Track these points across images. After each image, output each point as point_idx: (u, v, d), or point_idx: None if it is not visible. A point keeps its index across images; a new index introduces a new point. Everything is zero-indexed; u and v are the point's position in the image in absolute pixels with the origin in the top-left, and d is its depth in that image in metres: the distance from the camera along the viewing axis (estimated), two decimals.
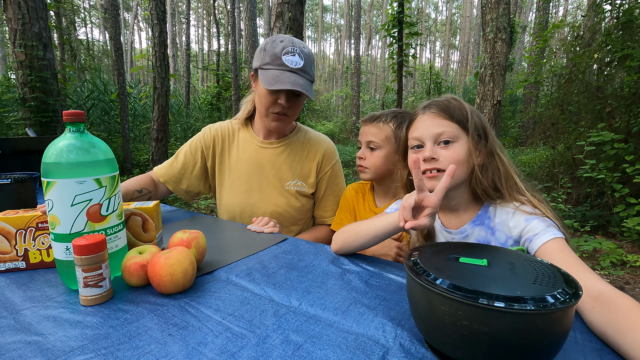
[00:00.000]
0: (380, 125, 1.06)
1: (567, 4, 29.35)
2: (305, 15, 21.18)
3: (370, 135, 1.07)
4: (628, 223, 2.99)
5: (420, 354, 0.47)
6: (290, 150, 1.22)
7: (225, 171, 1.23)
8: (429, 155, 0.74)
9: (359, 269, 0.74)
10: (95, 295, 0.57)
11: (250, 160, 1.20)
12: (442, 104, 0.77)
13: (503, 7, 3.63)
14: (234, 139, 1.24)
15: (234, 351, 0.47)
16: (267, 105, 1.09)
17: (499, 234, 0.75)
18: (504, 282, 0.43)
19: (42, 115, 3.88)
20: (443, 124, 0.75)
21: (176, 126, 9.07)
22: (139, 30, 39.19)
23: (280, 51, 1.05)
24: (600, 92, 3.94)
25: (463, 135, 0.75)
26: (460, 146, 0.75)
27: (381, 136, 1.06)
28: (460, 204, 0.80)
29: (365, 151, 1.09)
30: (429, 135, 0.76)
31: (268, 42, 1.09)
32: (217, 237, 0.92)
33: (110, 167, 0.63)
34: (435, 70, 9.57)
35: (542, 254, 0.65)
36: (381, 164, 1.06)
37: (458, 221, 0.80)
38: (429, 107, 0.79)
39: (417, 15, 38.35)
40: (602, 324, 0.50)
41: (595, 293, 0.53)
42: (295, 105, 1.12)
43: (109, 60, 17.11)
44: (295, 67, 1.05)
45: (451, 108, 0.76)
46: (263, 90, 1.08)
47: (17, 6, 3.61)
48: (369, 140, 1.07)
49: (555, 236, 0.65)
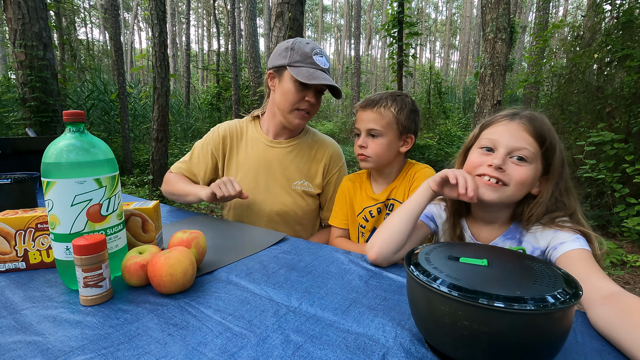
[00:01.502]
0: (381, 110, 1.01)
1: (567, 4, 29.35)
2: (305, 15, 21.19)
3: (370, 122, 1.02)
4: (628, 223, 2.99)
5: (420, 354, 0.47)
6: (298, 151, 1.23)
7: (233, 169, 1.24)
8: (498, 163, 0.70)
9: (359, 269, 0.74)
10: (95, 295, 0.57)
11: (259, 158, 1.22)
12: (536, 122, 0.72)
13: (503, 7, 3.63)
14: (242, 137, 1.26)
15: (234, 351, 0.47)
16: (294, 101, 1.12)
17: (525, 245, 0.74)
18: (504, 282, 0.43)
19: (42, 115, 3.88)
20: (527, 141, 0.71)
21: (176, 126, 9.07)
22: (139, 30, 39.19)
23: (310, 51, 1.10)
24: (600, 92, 3.94)
25: (538, 161, 0.72)
26: (531, 169, 0.71)
27: (383, 122, 1.01)
28: (498, 219, 0.78)
29: (367, 139, 1.03)
30: (507, 145, 0.72)
31: (294, 42, 1.13)
32: (217, 237, 0.92)
33: (110, 167, 0.63)
34: (435, 70, 9.56)
35: (563, 261, 0.64)
36: (384, 152, 1.02)
37: (489, 234, 0.79)
38: (520, 117, 0.74)
39: (417, 15, 38.35)
40: (610, 320, 0.50)
41: (607, 293, 0.54)
42: (318, 104, 1.16)
43: (109, 60, 17.11)
44: (325, 67, 1.12)
45: (544, 131, 0.71)
46: (290, 87, 1.11)
47: (17, 6, 3.60)
48: (370, 128, 1.02)
49: (580, 247, 0.64)
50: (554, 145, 0.72)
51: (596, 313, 0.53)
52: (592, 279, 0.57)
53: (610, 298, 0.53)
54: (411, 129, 1.04)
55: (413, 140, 1.06)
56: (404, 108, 1.02)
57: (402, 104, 1.02)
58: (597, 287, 0.55)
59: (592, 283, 0.56)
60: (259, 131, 1.25)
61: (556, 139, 0.72)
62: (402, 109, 1.01)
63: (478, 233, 0.80)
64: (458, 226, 0.83)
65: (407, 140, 1.05)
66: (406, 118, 1.02)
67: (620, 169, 3.35)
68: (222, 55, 12.52)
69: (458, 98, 13.17)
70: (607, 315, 0.51)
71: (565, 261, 0.64)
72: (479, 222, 0.81)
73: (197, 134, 9.19)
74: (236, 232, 0.98)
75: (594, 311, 0.53)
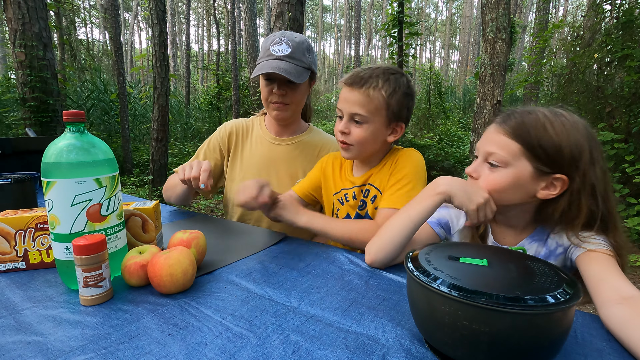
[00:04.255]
0: (369, 92, 0.85)
1: (567, 4, 29.34)
2: (305, 15, 21.18)
3: (355, 106, 0.86)
4: (628, 223, 2.99)
5: (420, 354, 0.47)
6: (302, 149, 1.23)
7: (237, 166, 1.24)
8: (470, 171, 0.72)
9: (359, 269, 0.74)
10: (95, 295, 0.57)
11: (262, 155, 1.22)
12: (514, 118, 0.68)
13: (503, 7, 3.63)
14: (248, 135, 1.26)
15: (234, 351, 0.47)
16: (265, 96, 1.15)
17: (550, 242, 0.71)
18: (504, 282, 0.43)
19: (42, 115, 3.88)
20: (499, 143, 0.67)
21: (176, 126, 9.07)
22: (139, 30, 39.18)
23: (269, 44, 1.10)
24: (600, 92, 3.94)
25: (521, 161, 0.66)
26: (507, 172, 0.67)
27: (370, 107, 0.85)
28: (519, 222, 0.75)
29: (349, 124, 0.89)
30: (483, 151, 0.70)
31: (264, 40, 1.13)
32: (217, 237, 0.92)
33: (110, 167, 0.63)
34: (435, 70, 9.55)
35: (585, 258, 0.62)
36: (368, 141, 0.88)
37: (514, 238, 0.76)
38: (500, 117, 0.71)
39: (417, 15, 38.34)
40: (624, 319, 0.49)
41: (627, 295, 0.52)
42: (291, 93, 1.13)
43: (109, 60, 17.09)
44: (282, 55, 1.07)
45: (524, 127, 0.66)
46: (261, 83, 1.13)
47: (17, 6, 3.61)
48: (354, 112, 0.87)
49: (604, 247, 0.62)
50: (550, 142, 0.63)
51: (610, 310, 0.52)
52: (613, 279, 0.56)
53: (630, 300, 0.51)
54: (402, 116, 0.90)
55: (403, 129, 0.92)
56: (397, 90, 0.86)
57: (396, 85, 0.86)
58: (618, 288, 0.54)
59: (613, 283, 0.55)
60: (263, 129, 1.26)
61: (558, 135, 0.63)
62: (394, 92, 0.86)
63: (503, 238, 0.77)
64: (483, 225, 0.79)
65: (397, 129, 0.91)
66: (398, 103, 0.87)
67: (620, 169, 3.35)
68: (222, 55, 12.51)
69: (458, 98, 13.17)
70: (622, 315, 0.50)
71: (587, 259, 0.62)
72: (502, 226, 0.78)
73: (197, 134, 9.18)
74: (236, 232, 0.98)
75: (609, 309, 0.52)
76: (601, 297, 0.55)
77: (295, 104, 1.17)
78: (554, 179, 0.65)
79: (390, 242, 0.72)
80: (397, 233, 0.72)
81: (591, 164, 0.64)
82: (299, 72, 1.08)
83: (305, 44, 1.12)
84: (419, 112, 9.13)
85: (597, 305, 0.55)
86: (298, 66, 1.08)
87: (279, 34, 1.11)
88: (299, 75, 1.08)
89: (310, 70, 1.13)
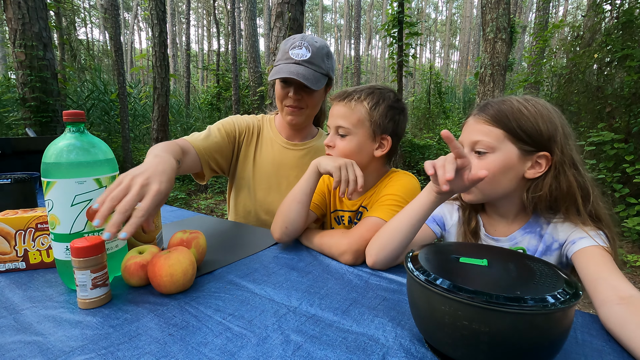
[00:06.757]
0: (352, 104, 0.87)
1: (567, 4, 29.34)
2: (305, 15, 21.18)
3: (339, 118, 0.88)
4: (628, 223, 2.99)
5: (420, 354, 0.47)
6: (313, 154, 1.21)
7: (250, 165, 1.21)
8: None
9: (359, 269, 0.74)
10: (95, 298, 0.57)
11: (273, 158, 1.20)
12: (491, 108, 0.72)
13: (503, 7, 3.63)
14: (259, 134, 1.25)
15: (234, 351, 0.47)
16: (280, 99, 1.13)
17: (547, 237, 0.72)
18: (504, 282, 0.43)
19: (42, 115, 3.89)
20: (483, 131, 0.71)
21: (176, 126, 9.07)
22: (139, 30, 39.19)
23: (289, 47, 1.08)
24: (600, 92, 3.94)
25: (506, 144, 0.69)
26: (496, 157, 0.70)
27: (352, 119, 0.87)
28: (509, 211, 0.76)
29: (334, 137, 0.89)
30: (468, 142, 0.73)
31: (283, 41, 1.12)
32: (217, 237, 0.92)
33: (110, 167, 0.63)
34: (435, 70, 9.56)
35: (581, 256, 0.63)
36: (353, 153, 0.87)
37: (506, 228, 0.77)
38: (476, 109, 0.74)
39: (417, 15, 38.34)
40: (624, 318, 0.49)
41: (626, 294, 0.53)
42: (307, 98, 1.11)
43: (109, 60, 17.10)
44: (300, 59, 1.05)
45: (502, 112, 0.70)
46: (277, 86, 1.11)
47: (17, 6, 3.61)
48: (338, 125, 0.88)
49: (600, 244, 0.63)
50: (528, 123, 0.68)
51: (610, 310, 0.52)
52: (611, 278, 0.56)
53: (629, 299, 0.52)
54: (388, 129, 0.89)
55: (390, 143, 0.90)
56: (380, 103, 0.87)
57: (380, 99, 0.87)
58: (617, 287, 0.54)
59: (611, 283, 0.56)
60: (274, 130, 1.24)
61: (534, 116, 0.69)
62: (377, 104, 0.87)
63: (494, 229, 0.78)
64: (474, 219, 0.81)
65: (383, 143, 0.90)
66: (382, 115, 0.87)
67: (620, 169, 3.35)
68: (222, 55, 12.52)
69: (458, 98, 13.16)
70: (621, 314, 0.50)
71: (584, 257, 0.62)
72: (493, 216, 0.79)
73: None
74: (236, 232, 0.98)
75: (608, 308, 0.52)
76: (600, 297, 0.55)
77: (311, 109, 1.15)
78: (538, 157, 0.70)
79: (390, 242, 0.72)
80: (397, 232, 0.72)
81: (565, 138, 0.70)
82: (316, 78, 1.06)
83: (325, 49, 1.10)
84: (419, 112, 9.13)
85: (596, 304, 0.56)
86: (316, 72, 1.07)
87: (299, 37, 1.08)
88: (316, 81, 1.06)
89: (327, 76, 1.12)
